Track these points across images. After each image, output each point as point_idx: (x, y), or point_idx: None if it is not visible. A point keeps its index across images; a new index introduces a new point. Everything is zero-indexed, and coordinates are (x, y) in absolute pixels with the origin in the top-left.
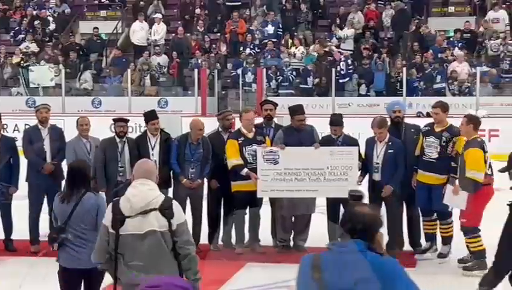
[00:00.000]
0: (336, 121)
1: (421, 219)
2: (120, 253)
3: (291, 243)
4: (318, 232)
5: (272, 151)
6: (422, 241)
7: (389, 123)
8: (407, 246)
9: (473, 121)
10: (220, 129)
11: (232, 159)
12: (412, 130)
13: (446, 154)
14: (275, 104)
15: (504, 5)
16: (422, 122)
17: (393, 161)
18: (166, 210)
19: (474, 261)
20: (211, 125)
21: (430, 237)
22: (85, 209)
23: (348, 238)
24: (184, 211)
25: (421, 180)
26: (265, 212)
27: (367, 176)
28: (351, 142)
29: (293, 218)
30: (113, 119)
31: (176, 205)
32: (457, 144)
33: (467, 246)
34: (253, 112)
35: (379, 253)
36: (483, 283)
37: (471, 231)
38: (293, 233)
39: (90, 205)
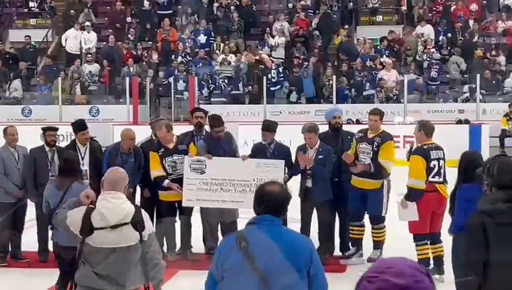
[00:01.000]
0: (267, 127)
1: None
2: (86, 260)
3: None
4: None
5: (199, 161)
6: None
7: (326, 129)
8: (337, 252)
9: (424, 128)
10: (153, 137)
11: (154, 171)
12: (349, 136)
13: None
14: (206, 112)
15: (430, 16)
16: (353, 129)
17: (324, 166)
18: (137, 223)
19: None
20: (143, 133)
21: (357, 242)
22: (73, 195)
23: (265, 214)
24: None
25: (355, 185)
26: (197, 220)
27: (298, 184)
28: (283, 149)
29: (220, 225)
30: (43, 128)
31: (145, 214)
32: (382, 149)
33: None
34: (165, 129)
35: None
36: None
37: (416, 238)
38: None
39: (77, 192)
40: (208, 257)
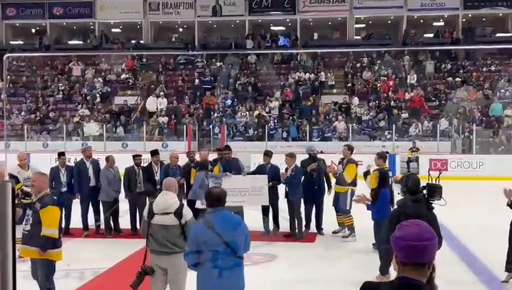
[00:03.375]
0: (266, 153)
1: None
2: (150, 233)
3: None
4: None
5: (216, 177)
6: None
7: (306, 157)
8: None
9: (382, 157)
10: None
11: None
12: (321, 160)
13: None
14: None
15: (365, 89)
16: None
17: (295, 179)
18: (177, 213)
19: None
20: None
21: (350, 227)
22: None
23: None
24: None
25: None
26: None
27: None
28: (274, 168)
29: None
30: (132, 155)
31: (186, 208)
32: (346, 169)
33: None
34: (206, 152)
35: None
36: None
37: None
38: None
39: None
40: None
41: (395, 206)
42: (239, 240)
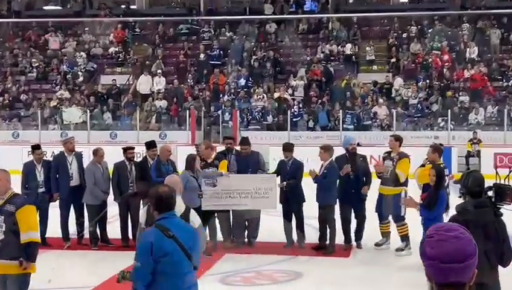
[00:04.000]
0: (286, 147)
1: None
2: None
3: (246, 240)
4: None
5: (210, 178)
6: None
7: (343, 153)
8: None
9: (438, 151)
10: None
11: None
12: (361, 158)
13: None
14: (233, 138)
15: (413, 66)
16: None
17: (325, 178)
18: (182, 217)
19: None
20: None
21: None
22: None
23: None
24: None
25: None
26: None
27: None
28: (297, 164)
29: (247, 221)
30: (123, 148)
31: (192, 212)
32: (398, 165)
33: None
34: (203, 146)
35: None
36: None
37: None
38: (246, 232)
39: None
40: (235, 244)
41: (452, 212)
42: (197, 253)
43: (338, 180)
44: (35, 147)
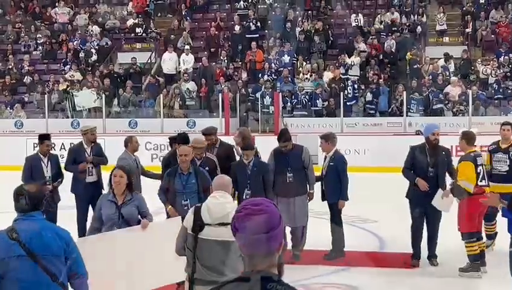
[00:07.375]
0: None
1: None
2: (196, 255)
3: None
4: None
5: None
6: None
7: (422, 142)
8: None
9: (465, 137)
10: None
11: None
12: (443, 152)
13: None
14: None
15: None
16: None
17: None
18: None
19: (468, 264)
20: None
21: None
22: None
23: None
24: None
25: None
26: None
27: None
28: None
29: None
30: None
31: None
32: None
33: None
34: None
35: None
36: None
37: (465, 236)
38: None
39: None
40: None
41: None
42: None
43: (413, 178)
44: (44, 137)
